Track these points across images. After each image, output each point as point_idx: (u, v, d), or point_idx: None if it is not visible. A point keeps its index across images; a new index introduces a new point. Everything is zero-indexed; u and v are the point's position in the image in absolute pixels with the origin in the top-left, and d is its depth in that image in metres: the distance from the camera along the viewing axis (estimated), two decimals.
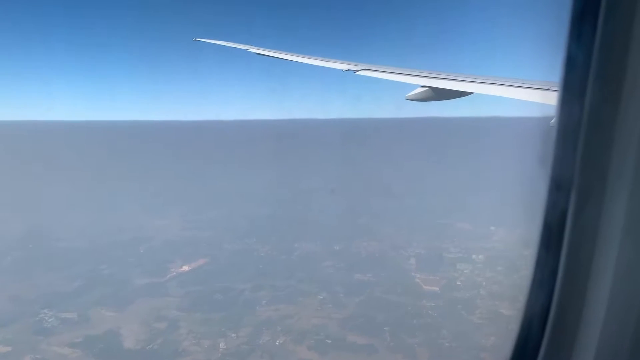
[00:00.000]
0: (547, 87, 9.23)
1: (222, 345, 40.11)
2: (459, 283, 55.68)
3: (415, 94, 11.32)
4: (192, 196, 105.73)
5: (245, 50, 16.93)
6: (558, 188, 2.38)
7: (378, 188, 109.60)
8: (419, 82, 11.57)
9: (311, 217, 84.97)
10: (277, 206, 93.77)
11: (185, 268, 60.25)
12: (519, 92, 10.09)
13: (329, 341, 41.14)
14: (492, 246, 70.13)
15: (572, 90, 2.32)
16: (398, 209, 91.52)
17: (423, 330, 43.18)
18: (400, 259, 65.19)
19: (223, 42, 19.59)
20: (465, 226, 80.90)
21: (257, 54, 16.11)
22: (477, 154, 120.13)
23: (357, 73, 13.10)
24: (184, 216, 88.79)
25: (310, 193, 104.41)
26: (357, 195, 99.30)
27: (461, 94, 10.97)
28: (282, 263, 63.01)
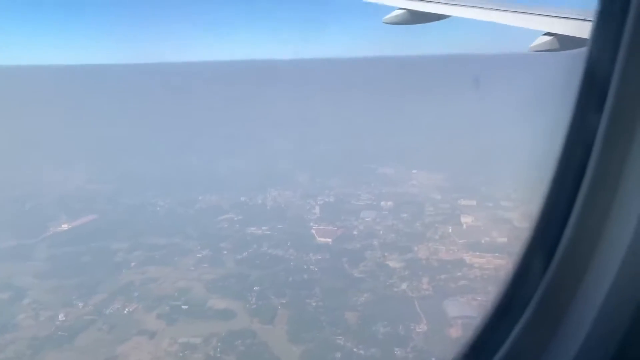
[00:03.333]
0: (526, 11, 9.62)
1: (60, 317, 36.04)
2: (356, 233, 52.44)
3: (392, 17, 11.51)
4: (112, 144, 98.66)
5: None
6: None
7: (313, 132, 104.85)
8: (397, 4, 11.86)
9: (230, 165, 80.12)
10: (198, 155, 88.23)
11: (65, 227, 55.21)
12: (498, 16, 10.06)
13: (185, 307, 37.53)
14: (405, 191, 67.00)
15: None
16: (327, 153, 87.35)
17: (295, 289, 39.98)
18: (305, 208, 61.42)
19: None
20: (387, 170, 77.55)
21: None
22: (440, 94, 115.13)
23: None
24: (93, 167, 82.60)
25: (237, 140, 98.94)
26: (287, 141, 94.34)
27: (439, 17, 11.08)
28: (176, 218, 58.54)
